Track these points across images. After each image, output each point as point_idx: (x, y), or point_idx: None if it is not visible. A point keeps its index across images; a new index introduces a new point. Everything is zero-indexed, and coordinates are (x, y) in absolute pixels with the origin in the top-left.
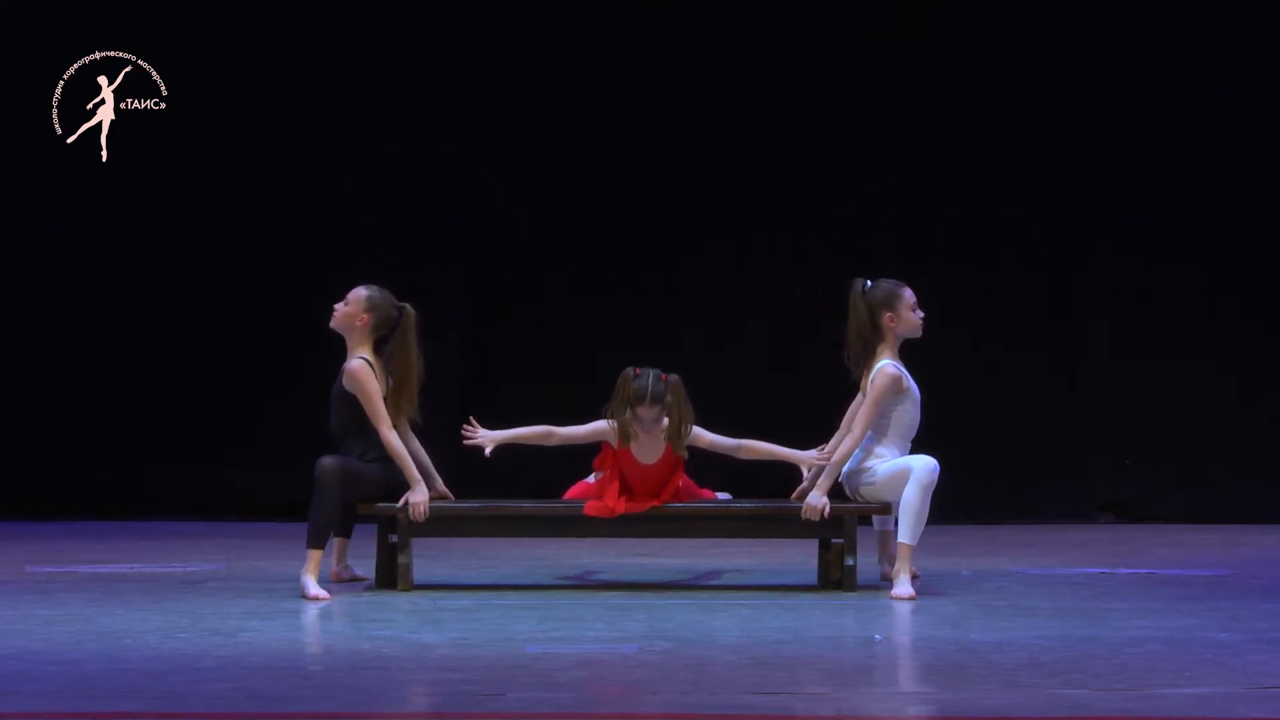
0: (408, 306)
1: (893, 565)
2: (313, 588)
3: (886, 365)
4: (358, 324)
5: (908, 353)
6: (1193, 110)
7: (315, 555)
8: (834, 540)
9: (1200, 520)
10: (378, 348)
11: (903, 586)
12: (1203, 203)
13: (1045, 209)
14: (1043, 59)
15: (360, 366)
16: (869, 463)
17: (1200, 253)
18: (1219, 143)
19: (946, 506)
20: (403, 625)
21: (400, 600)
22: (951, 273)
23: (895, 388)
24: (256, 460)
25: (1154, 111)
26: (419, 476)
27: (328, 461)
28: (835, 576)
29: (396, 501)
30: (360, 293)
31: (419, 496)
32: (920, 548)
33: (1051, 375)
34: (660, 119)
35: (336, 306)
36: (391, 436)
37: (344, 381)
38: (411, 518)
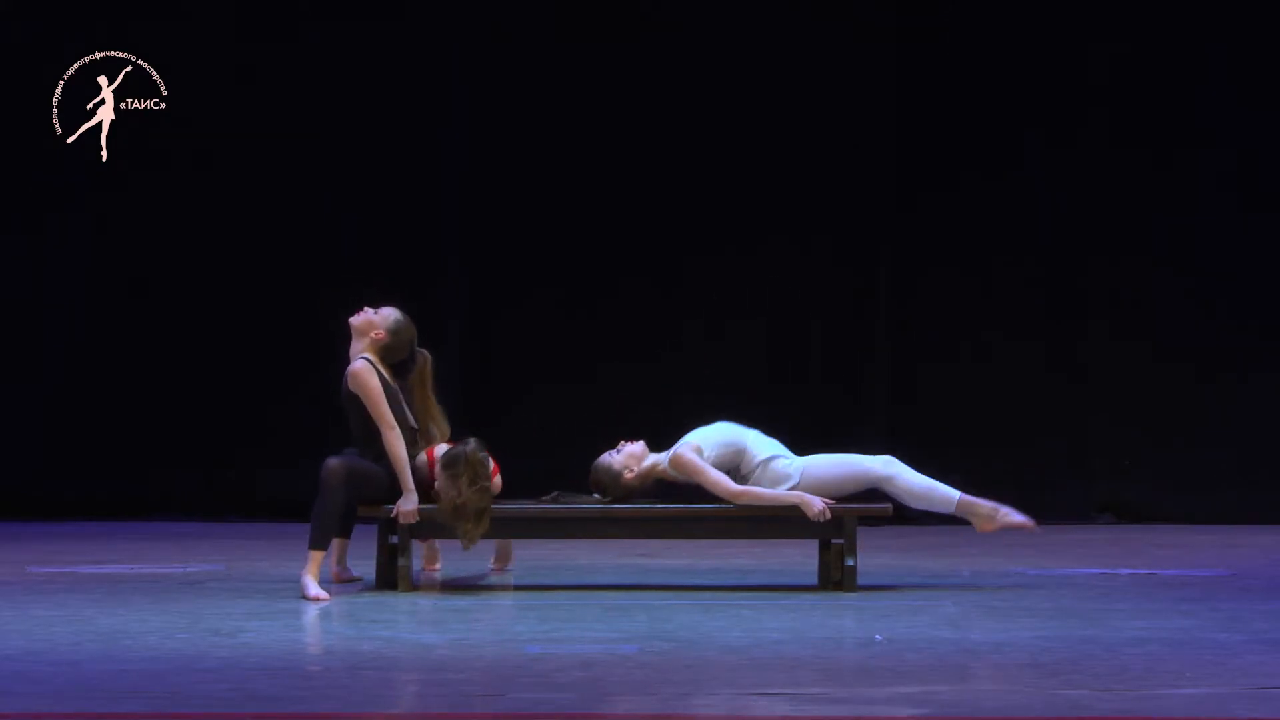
0: (425, 352)
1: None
2: (313, 588)
3: (677, 454)
4: (373, 335)
5: (905, 350)
6: (1194, 110)
7: (316, 556)
8: (834, 540)
9: (1200, 520)
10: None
11: (997, 511)
12: (1204, 203)
13: (1045, 209)
14: (1043, 59)
15: (363, 367)
16: (783, 465)
17: (1201, 253)
18: (1222, 143)
19: None
20: (403, 626)
21: (400, 601)
22: (951, 273)
23: (700, 468)
24: (256, 460)
25: (1155, 111)
26: (412, 485)
27: (333, 463)
28: (835, 576)
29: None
30: (392, 314)
31: (409, 505)
32: (920, 548)
33: (1051, 376)
34: (659, 120)
35: (367, 308)
36: (395, 441)
37: (349, 383)
38: (401, 523)
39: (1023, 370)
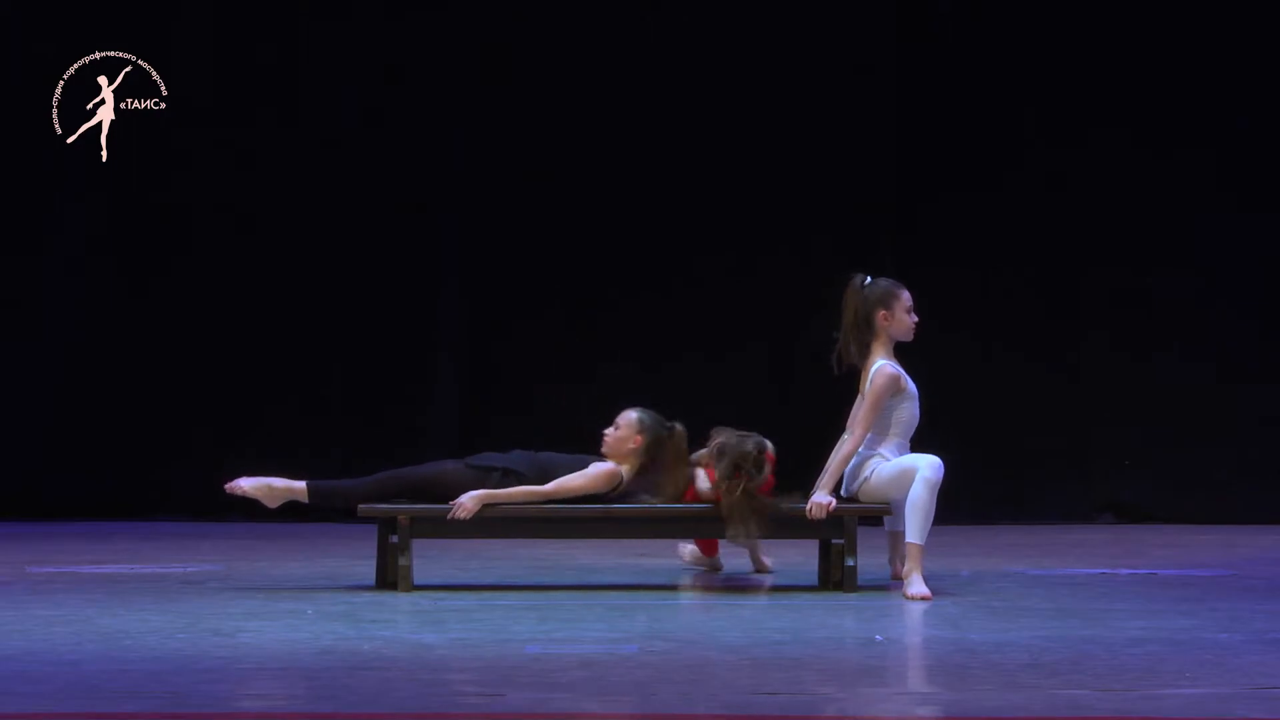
0: (677, 425)
1: (904, 565)
2: (251, 483)
3: (884, 365)
4: (631, 446)
5: (905, 351)
6: (1195, 109)
7: (299, 490)
8: (834, 540)
9: (1200, 520)
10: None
11: (917, 586)
12: (1205, 203)
13: (1045, 209)
14: (1044, 59)
15: (612, 472)
16: (872, 463)
17: (1201, 253)
18: (1222, 142)
19: (946, 506)
20: (403, 625)
21: (400, 601)
22: (951, 273)
23: (894, 387)
24: (256, 460)
25: (1154, 111)
26: (490, 499)
27: (392, 472)
28: (835, 577)
29: (447, 500)
30: (631, 415)
31: (471, 502)
32: (924, 548)
33: (1052, 375)
34: (657, 124)
35: (606, 432)
36: (539, 494)
37: (587, 464)
38: (452, 514)
39: (1023, 370)
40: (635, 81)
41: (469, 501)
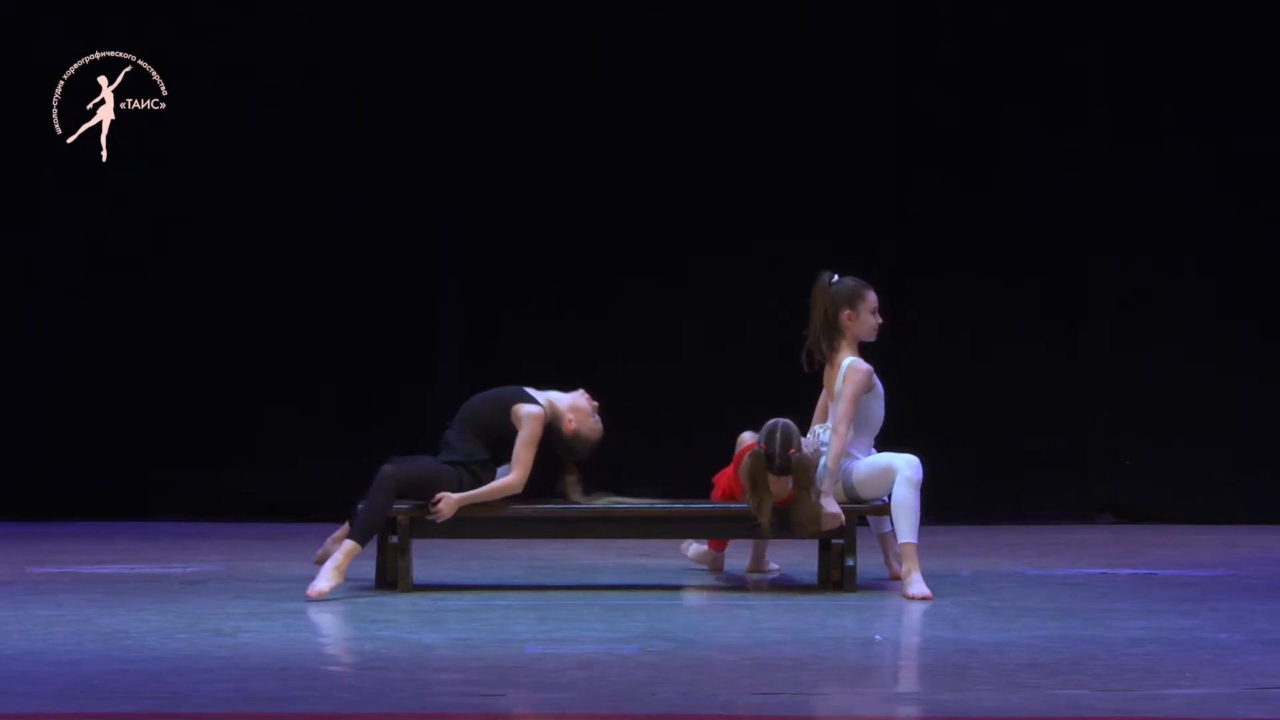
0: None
1: (901, 565)
2: (323, 581)
3: (856, 361)
4: (565, 422)
5: (904, 350)
6: (1195, 106)
7: (351, 549)
8: (834, 540)
9: (1200, 520)
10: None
11: (917, 586)
12: (1205, 201)
13: (1045, 208)
14: (1044, 58)
15: (540, 414)
16: (843, 462)
17: (1202, 251)
18: (1223, 139)
19: (946, 506)
20: (403, 625)
21: (401, 601)
22: (950, 272)
23: (868, 382)
24: (255, 460)
25: (1155, 109)
26: (470, 500)
27: (388, 469)
28: (835, 577)
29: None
30: (595, 431)
31: (449, 504)
32: (921, 547)
33: (1051, 374)
34: (657, 123)
35: (594, 404)
36: (515, 483)
37: (515, 416)
38: (431, 512)
39: (1023, 369)
40: (635, 81)
41: (444, 506)
